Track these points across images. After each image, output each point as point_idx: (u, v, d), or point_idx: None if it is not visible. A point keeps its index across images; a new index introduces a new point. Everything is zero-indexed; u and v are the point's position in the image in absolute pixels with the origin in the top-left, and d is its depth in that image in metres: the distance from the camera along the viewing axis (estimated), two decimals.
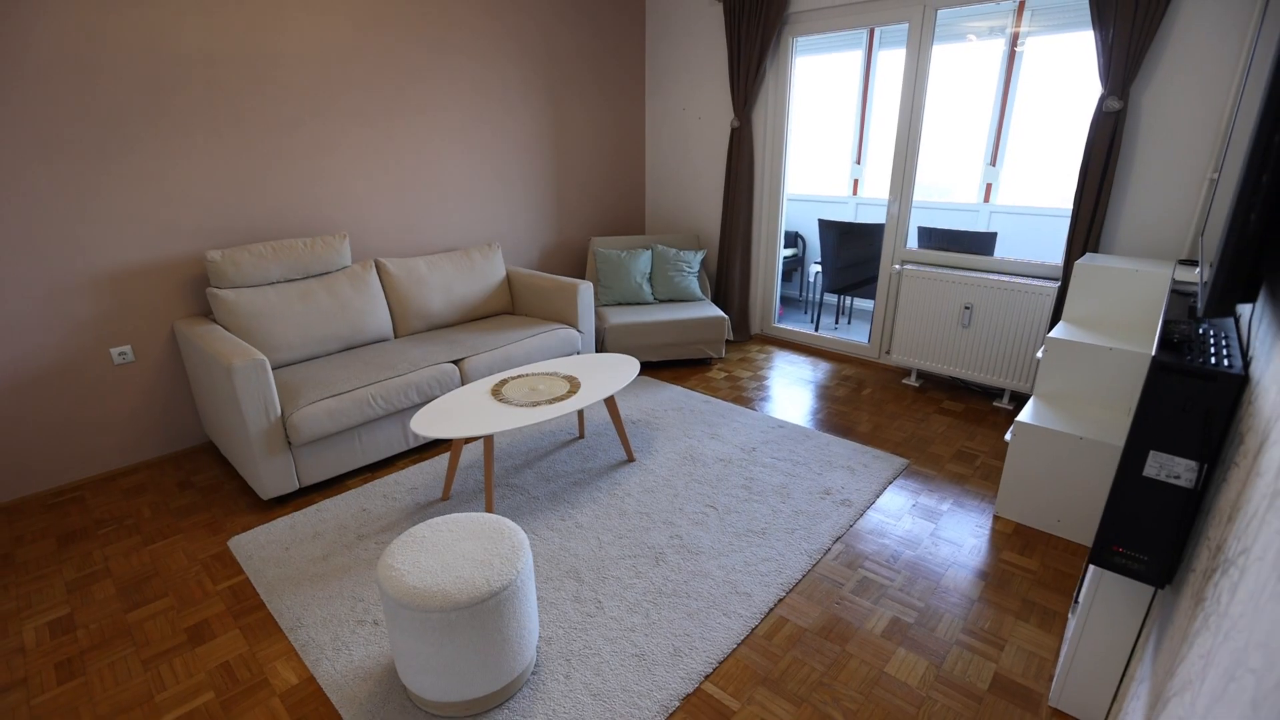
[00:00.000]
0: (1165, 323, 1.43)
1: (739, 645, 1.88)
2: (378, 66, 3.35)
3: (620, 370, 2.82)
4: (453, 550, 1.64)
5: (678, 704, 1.68)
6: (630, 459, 2.90)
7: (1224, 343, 1.28)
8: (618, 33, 4.51)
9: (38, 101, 2.44)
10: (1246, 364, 1.18)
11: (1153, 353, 1.32)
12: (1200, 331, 1.37)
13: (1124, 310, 2.62)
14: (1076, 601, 1.65)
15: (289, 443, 2.54)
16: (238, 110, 2.93)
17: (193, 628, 1.97)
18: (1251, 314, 1.35)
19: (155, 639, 1.93)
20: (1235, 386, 1.13)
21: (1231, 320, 1.51)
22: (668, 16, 4.54)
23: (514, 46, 3.92)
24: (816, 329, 4.76)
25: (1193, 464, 1.20)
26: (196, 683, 1.77)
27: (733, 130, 4.27)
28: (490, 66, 3.84)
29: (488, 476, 2.40)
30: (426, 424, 2.30)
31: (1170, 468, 1.22)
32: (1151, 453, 1.23)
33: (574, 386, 2.64)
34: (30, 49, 2.39)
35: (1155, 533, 1.27)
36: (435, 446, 3.12)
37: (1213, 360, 1.18)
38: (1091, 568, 1.56)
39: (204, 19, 2.75)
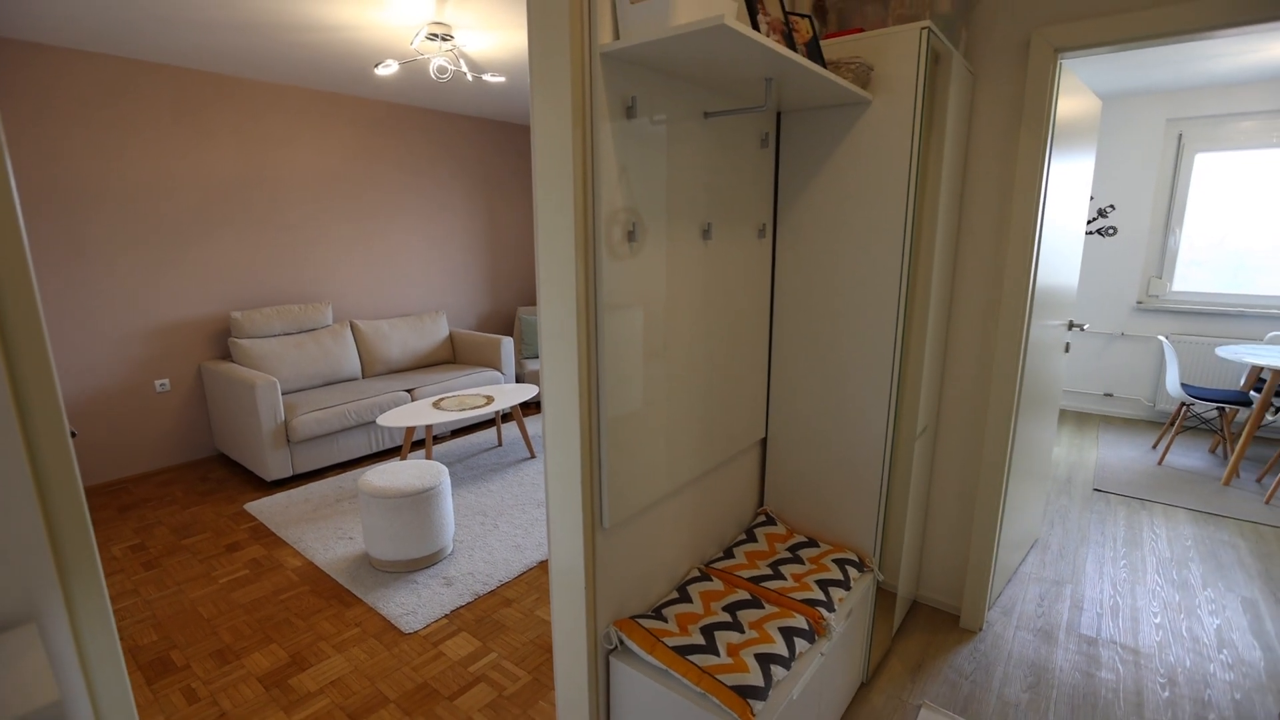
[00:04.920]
0: None
1: None
2: (358, 182, 4.72)
3: (524, 392, 4.07)
4: (403, 473, 2.82)
5: (535, 565, 2.84)
6: (532, 456, 4.11)
7: None
8: None
9: (125, 214, 3.68)
10: None
11: None
12: None
13: None
14: None
15: (288, 440, 3.66)
16: (257, 214, 4.21)
17: (228, 545, 3.04)
18: None
19: (204, 550, 2.99)
20: None
21: None
22: None
23: (458, 168, 5.38)
24: None
25: None
26: (236, 568, 2.84)
27: None
28: (440, 182, 5.26)
29: (428, 446, 3.57)
30: (389, 419, 3.49)
31: None
32: None
33: (490, 400, 3.87)
34: (124, 180, 3.66)
35: None
36: (391, 453, 4.26)
37: None
38: None
39: (240, 156, 4.08)
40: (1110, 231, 4.89)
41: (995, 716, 1.95)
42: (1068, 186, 2.36)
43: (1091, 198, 4.94)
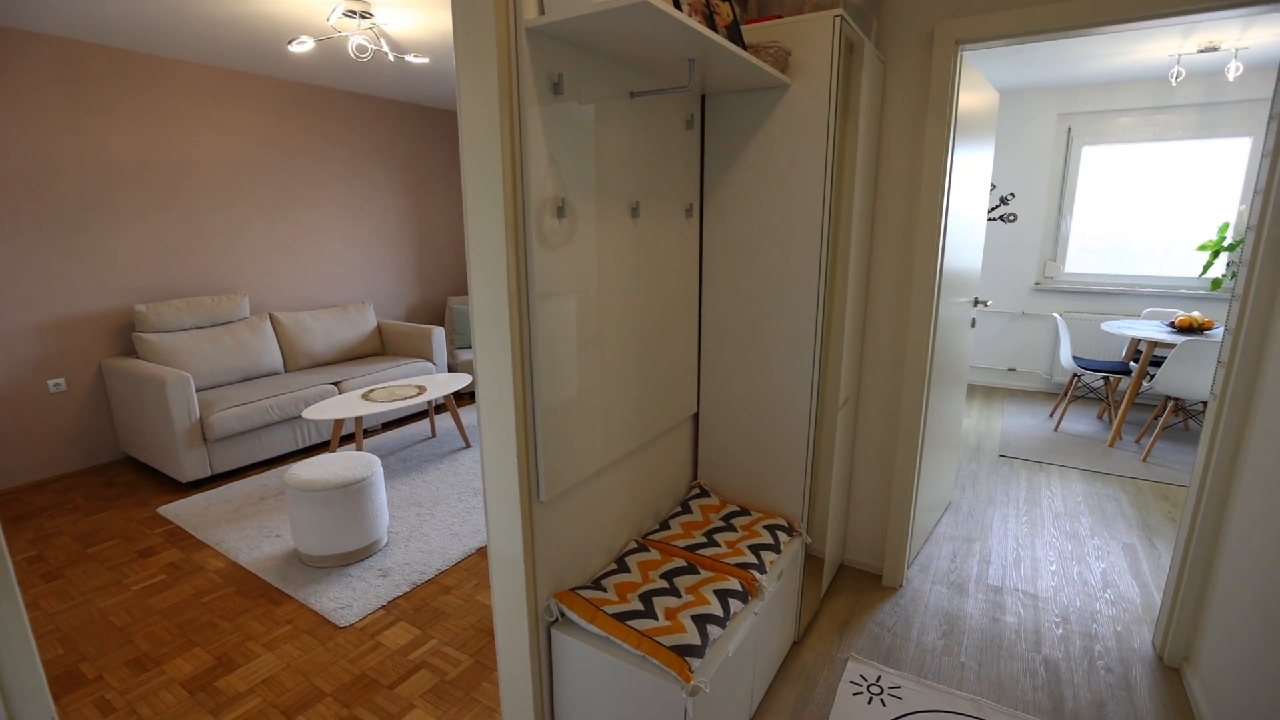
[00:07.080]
0: None
1: None
2: (273, 167, 4.48)
3: (457, 381, 4.01)
4: (333, 465, 2.73)
5: (473, 551, 2.82)
6: (467, 445, 4.05)
7: None
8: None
9: (10, 196, 3.37)
10: None
11: None
12: None
13: None
14: None
15: (205, 439, 3.47)
16: (163, 201, 3.94)
17: (140, 551, 2.86)
18: None
19: (113, 558, 2.80)
20: None
21: None
22: None
23: (382, 157, 5.20)
24: None
25: None
26: (151, 573, 2.68)
27: None
28: (362, 171, 5.07)
29: (358, 438, 3.47)
30: (316, 412, 3.36)
31: None
32: None
33: (422, 390, 3.79)
34: (9, 158, 3.34)
35: None
36: (318, 449, 4.10)
37: None
38: None
39: (142, 137, 3.80)
40: (1011, 218, 5.27)
41: (914, 662, 2.10)
42: (971, 173, 2.54)
43: (993, 186, 5.30)
